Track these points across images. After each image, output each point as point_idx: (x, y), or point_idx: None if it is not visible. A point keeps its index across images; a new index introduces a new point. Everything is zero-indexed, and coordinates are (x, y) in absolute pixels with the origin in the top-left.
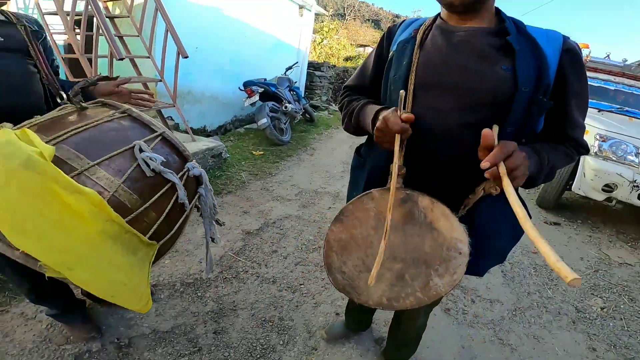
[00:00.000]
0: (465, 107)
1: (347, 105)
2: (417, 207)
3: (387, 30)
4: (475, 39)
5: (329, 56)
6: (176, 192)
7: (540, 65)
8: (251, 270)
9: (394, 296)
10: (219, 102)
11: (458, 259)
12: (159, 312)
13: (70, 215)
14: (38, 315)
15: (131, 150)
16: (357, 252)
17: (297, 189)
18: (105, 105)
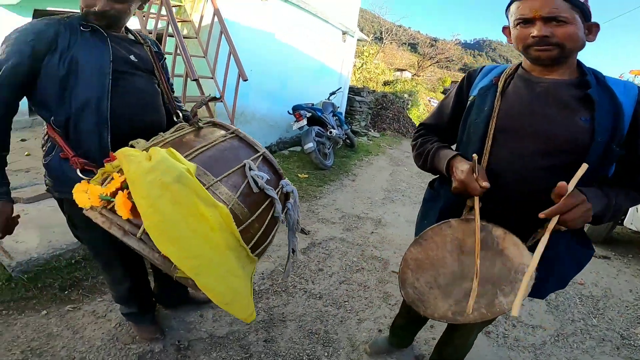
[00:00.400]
0: (543, 152)
1: (421, 145)
2: (491, 236)
3: (466, 75)
4: (557, 90)
5: (368, 80)
6: (274, 206)
7: (616, 117)
8: (299, 286)
9: (459, 311)
10: (266, 124)
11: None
12: (215, 319)
13: (205, 225)
14: (108, 314)
15: (242, 168)
16: (431, 271)
17: (341, 212)
18: (215, 125)
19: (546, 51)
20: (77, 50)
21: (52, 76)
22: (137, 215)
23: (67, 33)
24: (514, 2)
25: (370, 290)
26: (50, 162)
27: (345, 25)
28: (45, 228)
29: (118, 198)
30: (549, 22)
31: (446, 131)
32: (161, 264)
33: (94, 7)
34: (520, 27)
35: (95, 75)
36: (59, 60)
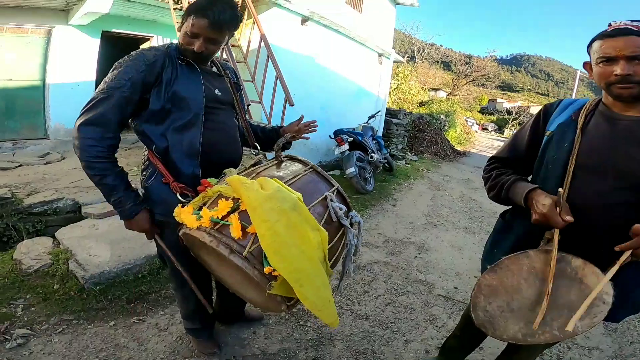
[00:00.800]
0: (624, 189)
1: (496, 177)
2: (570, 266)
3: (543, 108)
4: (639, 128)
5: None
6: (346, 235)
7: None
8: (345, 307)
9: (530, 333)
10: (307, 148)
11: (601, 307)
12: (267, 336)
13: (309, 245)
14: (169, 328)
15: (324, 199)
16: (503, 297)
17: (384, 237)
18: (292, 158)
19: (628, 89)
20: (178, 85)
21: (157, 108)
22: (243, 238)
23: (169, 66)
24: (596, 40)
25: (416, 312)
26: (151, 186)
27: (381, 48)
28: (115, 243)
29: (233, 220)
30: (631, 61)
31: (520, 165)
32: (259, 280)
33: (192, 46)
34: (602, 64)
35: (192, 110)
36: (164, 94)
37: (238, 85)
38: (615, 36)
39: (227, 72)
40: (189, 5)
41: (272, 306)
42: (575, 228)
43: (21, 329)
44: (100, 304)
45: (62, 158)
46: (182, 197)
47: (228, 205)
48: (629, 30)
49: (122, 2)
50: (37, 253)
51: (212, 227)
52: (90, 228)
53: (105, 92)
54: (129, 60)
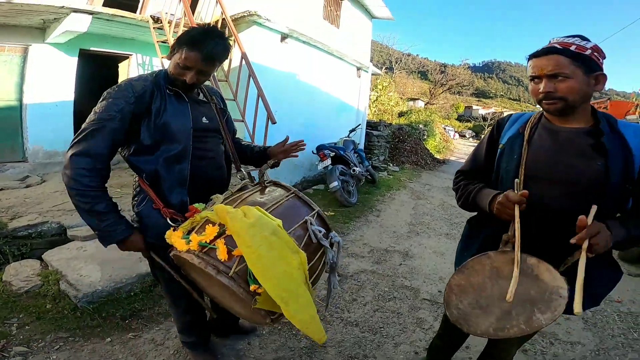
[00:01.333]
0: (568, 195)
1: (464, 187)
2: (526, 264)
3: (496, 123)
4: (576, 139)
5: (383, 113)
6: (326, 254)
7: (627, 160)
8: (335, 315)
9: (500, 327)
10: (291, 164)
11: (559, 301)
12: (262, 346)
13: (290, 266)
14: (166, 342)
15: (304, 223)
16: (472, 294)
17: (369, 247)
18: (276, 184)
19: (553, 104)
20: (167, 116)
21: (147, 138)
22: (229, 260)
23: (158, 96)
24: (529, 59)
25: (403, 316)
26: (142, 211)
27: (359, 61)
28: (104, 263)
29: (219, 244)
30: (552, 78)
31: (482, 176)
32: (244, 297)
33: (184, 77)
34: (533, 83)
35: (181, 141)
36: (153, 125)
37: (224, 110)
38: (541, 56)
39: (214, 98)
40: (180, 36)
41: (257, 319)
42: (528, 231)
43: (18, 347)
44: (95, 321)
45: (42, 181)
46: (172, 222)
47: (215, 231)
48: (554, 49)
49: (100, 21)
50: (25, 275)
51: (200, 250)
52: (77, 250)
53: (95, 123)
54: (118, 90)
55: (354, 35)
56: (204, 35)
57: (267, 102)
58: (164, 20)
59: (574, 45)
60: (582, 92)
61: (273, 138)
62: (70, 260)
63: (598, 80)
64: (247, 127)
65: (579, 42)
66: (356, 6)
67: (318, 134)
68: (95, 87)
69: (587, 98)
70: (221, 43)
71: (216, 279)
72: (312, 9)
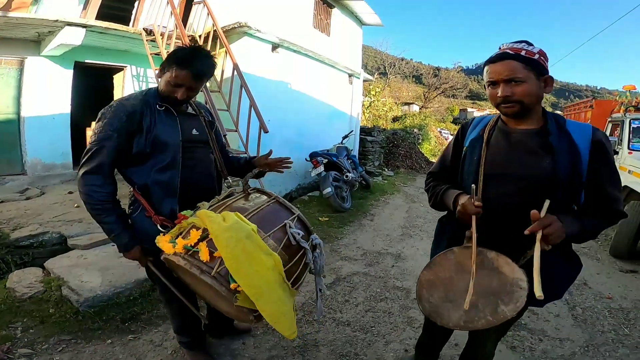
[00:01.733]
0: (522, 191)
1: (433, 189)
2: (487, 258)
3: (460, 127)
4: (526, 139)
5: (377, 118)
6: (306, 255)
7: (574, 157)
8: (328, 315)
9: (469, 319)
10: (286, 171)
11: (520, 292)
12: (256, 345)
13: (263, 266)
14: (164, 343)
15: (284, 226)
16: (441, 288)
17: (362, 250)
18: (259, 191)
19: (510, 108)
20: (158, 130)
21: (138, 152)
22: (211, 261)
23: (148, 113)
24: (485, 65)
25: (394, 316)
26: (135, 219)
27: (351, 68)
28: (104, 270)
29: (202, 247)
30: (508, 83)
31: (450, 177)
32: (226, 295)
33: (175, 95)
34: (490, 88)
35: (170, 153)
36: (145, 140)
37: (212, 123)
38: (496, 61)
39: (202, 112)
40: (170, 55)
41: (242, 316)
42: (489, 226)
43: (23, 349)
44: (96, 324)
45: (42, 193)
46: (162, 228)
47: (198, 235)
48: (507, 55)
49: (94, 34)
50: (29, 282)
51: (185, 253)
52: (78, 258)
53: (97, 143)
54: (111, 110)
55: (344, 42)
56: (192, 54)
57: (259, 111)
58: (157, 32)
59: (523, 51)
60: (535, 95)
61: (266, 146)
62: (72, 267)
63: (547, 83)
64: (241, 137)
65: (527, 47)
66: (346, 14)
67: (311, 141)
68: (91, 100)
69: (540, 100)
70: (208, 61)
71: (200, 278)
72: (302, 18)
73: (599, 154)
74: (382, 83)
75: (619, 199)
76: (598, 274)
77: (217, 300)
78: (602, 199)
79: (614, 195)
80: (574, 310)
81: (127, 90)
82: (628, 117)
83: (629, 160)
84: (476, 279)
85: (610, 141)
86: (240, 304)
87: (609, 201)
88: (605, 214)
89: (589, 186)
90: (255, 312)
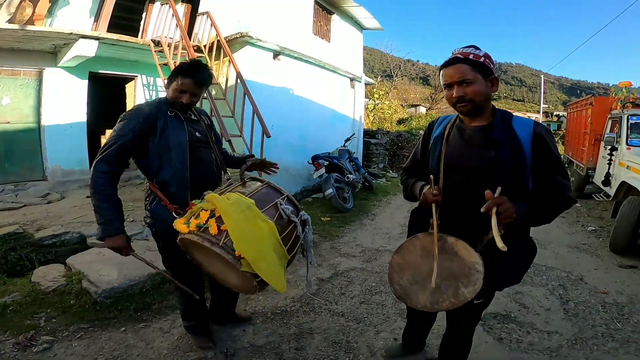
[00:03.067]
0: (474, 179)
1: (405, 182)
2: (447, 243)
3: (428, 125)
4: (476, 135)
5: (382, 120)
6: (296, 228)
7: (516, 150)
8: (324, 307)
9: (434, 301)
10: (290, 174)
11: (476, 275)
12: (255, 332)
13: (261, 232)
14: (172, 330)
15: (276, 204)
16: (409, 272)
17: (361, 247)
18: (254, 179)
19: (464, 107)
20: (169, 132)
21: (155, 151)
22: (219, 234)
23: (161, 117)
24: (440, 69)
25: (387, 308)
26: (153, 208)
27: (352, 73)
28: (121, 265)
29: (211, 223)
30: (461, 84)
31: (420, 171)
32: (232, 261)
33: (181, 100)
34: (446, 90)
35: (180, 152)
36: (159, 140)
37: (211, 125)
38: (449, 66)
39: (202, 117)
40: (175, 68)
41: (247, 284)
42: (449, 213)
43: (45, 336)
44: (112, 313)
45: (62, 197)
46: (176, 214)
47: (207, 214)
48: (458, 59)
49: (106, 45)
50: (52, 276)
51: (197, 230)
52: (97, 255)
53: (115, 138)
54: (130, 113)
55: (345, 47)
56: (193, 66)
57: (262, 117)
58: (164, 44)
59: (471, 55)
60: (484, 94)
61: (270, 151)
62: (91, 263)
63: (493, 83)
64: (245, 142)
65: (474, 51)
66: (345, 19)
67: (314, 145)
68: (104, 108)
69: (488, 99)
70: (206, 71)
71: (211, 249)
72: (302, 25)
73: (540, 145)
74: (387, 85)
75: (567, 186)
76: (595, 270)
77: (225, 274)
78: (551, 186)
79: (562, 183)
80: (567, 305)
81: (138, 99)
82: (626, 113)
83: (628, 156)
84: (439, 263)
85: (551, 134)
86: (244, 269)
87: (556, 188)
88: (555, 200)
89: (537, 175)
90: (258, 277)
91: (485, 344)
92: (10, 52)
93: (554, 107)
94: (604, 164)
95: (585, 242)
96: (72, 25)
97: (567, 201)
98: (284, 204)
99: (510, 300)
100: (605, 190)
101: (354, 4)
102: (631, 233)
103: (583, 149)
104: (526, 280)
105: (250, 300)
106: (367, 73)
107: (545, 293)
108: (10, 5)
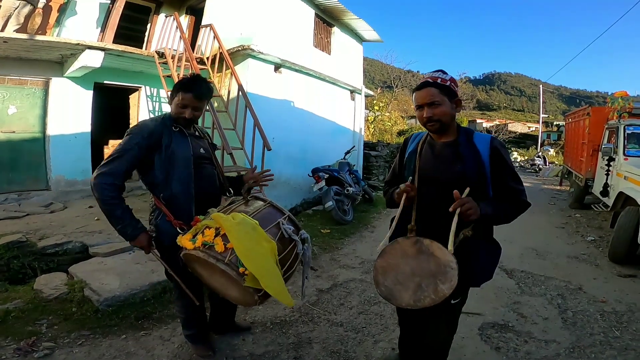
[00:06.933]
0: (444, 189)
1: (386, 192)
2: (423, 245)
3: (404, 141)
4: (444, 150)
5: (383, 132)
6: (297, 246)
7: (478, 161)
8: (323, 317)
9: (417, 298)
10: (290, 187)
11: (451, 272)
12: (254, 341)
13: (264, 250)
14: (172, 338)
15: (278, 224)
16: (392, 273)
17: (360, 259)
18: (257, 198)
19: (433, 125)
20: (174, 147)
21: (160, 166)
22: (225, 251)
23: (166, 132)
24: (413, 92)
25: (385, 318)
26: (159, 224)
27: (352, 85)
28: (122, 274)
29: (217, 241)
30: (430, 105)
31: (400, 183)
32: (236, 277)
33: (183, 115)
34: (418, 111)
35: (186, 167)
36: (164, 155)
37: (214, 144)
38: (420, 89)
39: (205, 135)
40: (176, 84)
41: (247, 298)
42: (423, 218)
43: (46, 343)
44: (113, 321)
45: (65, 207)
46: (180, 230)
47: (212, 232)
48: (428, 83)
49: (111, 56)
50: (55, 284)
51: (203, 247)
52: (99, 264)
53: (119, 152)
54: (136, 128)
55: (345, 59)
56: (193, 81)
57: (263, 130)
58: (168, 55)
59: (439, 79)
60: (449, 114)
61: (271, 163)
62: (93, 272)
63: (457, 104)
64: (246, 154)
65: (442, 75)
66: (346, 32)
67: (315, 157)
68: (108, 119)
69: (453, 118)
70: (206, 85)
71: (216, 266)
72: (303, 38)
73: (496, 157)
74: (387, 97)
75: (522, 191)
76: (595, 279)
77: (227, 287)
78: (507, 191)
79: (516, 188)
80: (565, 314)
81: (142, 109)
82: (622, 123)
83: (625, 166)
84: (417, 263)
85: (505, 147)
86: (247, 284)
87: (512, 193)
88: (512, 203)
89: (496, 183)
90: (259, 291)
91: (482, 353)
92: (18, 62)
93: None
94: (602, 175)
95: (585, 252)
96: (79, 35)
97: (523, 204)
98: (286, 224)
99: (508, 310)
100: (604, 201)
101: (354, 16)
102: (629, 243)
103: (581, 159)
104: (524, 290)
105: (250, 310)
106: (367, 84)
107: (543, 302)
108: (20, 15)
